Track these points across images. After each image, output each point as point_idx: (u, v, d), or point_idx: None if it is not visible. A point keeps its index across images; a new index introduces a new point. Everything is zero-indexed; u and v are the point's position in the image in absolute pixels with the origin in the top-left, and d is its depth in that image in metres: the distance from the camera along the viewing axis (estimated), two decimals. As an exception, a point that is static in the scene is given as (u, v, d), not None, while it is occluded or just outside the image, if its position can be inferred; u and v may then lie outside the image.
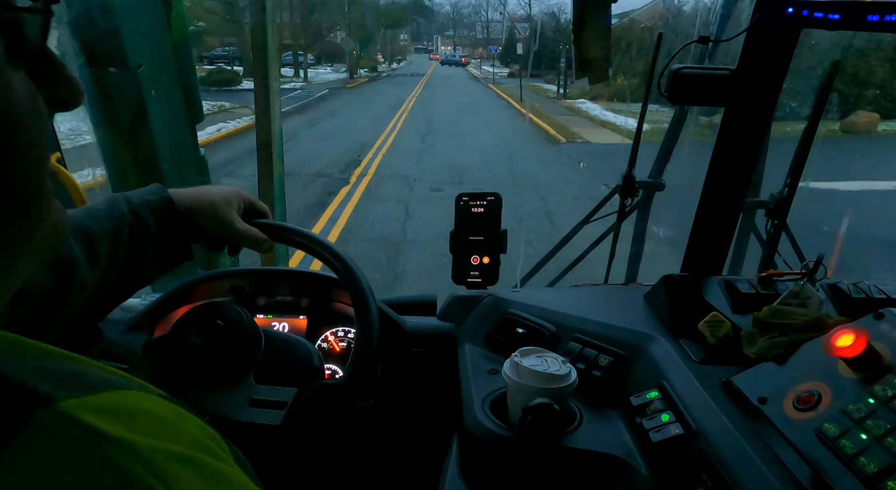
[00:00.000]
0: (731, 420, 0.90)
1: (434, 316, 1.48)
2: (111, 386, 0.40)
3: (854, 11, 0.94)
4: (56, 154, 1.47)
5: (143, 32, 1.76)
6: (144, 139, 1.84)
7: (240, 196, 1.09)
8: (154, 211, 0.97)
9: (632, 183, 1.83)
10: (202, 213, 1.02)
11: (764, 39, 1.24)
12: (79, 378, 0.40)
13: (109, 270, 0.91)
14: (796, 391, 0.88)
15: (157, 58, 1.83)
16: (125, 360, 1.08)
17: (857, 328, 0.88)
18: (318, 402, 1.05)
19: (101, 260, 0.90)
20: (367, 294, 1.12)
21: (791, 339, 0.99)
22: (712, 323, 1.13)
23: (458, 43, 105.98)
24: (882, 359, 0.83)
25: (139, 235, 0.95)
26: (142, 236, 0.95)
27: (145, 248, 0.95)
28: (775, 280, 1.25)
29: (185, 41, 1.92)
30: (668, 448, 0.93)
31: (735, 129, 1.33)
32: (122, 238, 0.93)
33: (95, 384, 0.39)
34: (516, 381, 1.00)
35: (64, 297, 0.84)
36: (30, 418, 0.34)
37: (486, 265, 1.49)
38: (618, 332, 1.23)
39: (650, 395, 1.04)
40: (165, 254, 1.00)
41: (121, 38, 1.69)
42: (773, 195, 1.57)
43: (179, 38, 1.89)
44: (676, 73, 1.32)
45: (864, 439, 0.75)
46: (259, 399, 1.07)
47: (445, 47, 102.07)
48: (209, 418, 1.02)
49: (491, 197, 1.46)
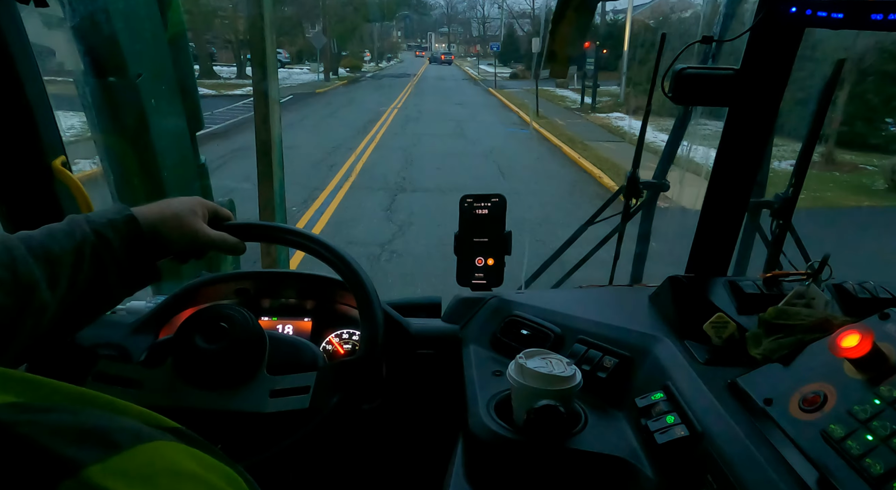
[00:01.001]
0: (737, 421, 0.89)
1: (439, 317, 1.48)
2: (137, 440, 0.39)
3: (858, 10, 0.93)
4: (61, 157, 1.48)
5: (142, 42, 1.77)
6: (145, 147, 1.85)
7: (203, 204, 1.08)
8: (118, 230, 0.95)
9: (636, 184, 1.83)
10: (168, 226, 1.00)
11: (767, 39, 1.23)
12: (105, 435, 0.38)
13: (71, 292, 0.89)
14: (802, 392, 0.87)
15: (157, 67, 1.84)
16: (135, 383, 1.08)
17: (863, 329, 0.87)
18: (341, 379, 1.05)
19: (63, 282, 0.87)
20: (371, 296, 1.12)
21: (796, 340, 0.99)
22: (717, 324, 1.12)
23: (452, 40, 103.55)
24: (888, 359, 0.83)
25: (103, 256, 0.92)
26: (105, 256, 0.92)
27: (109, 269, 0.93)
28: (780, 280, 1.25)
29: (184, 50, 1.93)
30: (673, 449, 0.93)
31: (739, 129, 1.33)
32: (84, 259, 0.90)
33: (121, 441, 0.38)
34: (521, 382, 1.00)
35: (23, 320, 0.81)
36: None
37: (490, 267, 1.49)
38: (623, 333, 1.22)
39: (655, 397, 1.03)
40: (131, 273, 0.97)
41: (120, 49, 1.70)
42: (777, 195, 1.57)
43: (178, 47, 1.90)
44: (680, 73, 1.32)
45: (870, 440, 0.74)
46: (279, 389, 1.06)
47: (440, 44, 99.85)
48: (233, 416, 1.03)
49: (495, 198, 1.46)
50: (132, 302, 1.56)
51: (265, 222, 1.16)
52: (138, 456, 0.38)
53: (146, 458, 0.38)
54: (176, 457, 0.40)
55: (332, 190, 9.22)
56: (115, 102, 1.77)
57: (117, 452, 0.37)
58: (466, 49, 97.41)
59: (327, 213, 8.00)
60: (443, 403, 1.34)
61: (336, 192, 9.13)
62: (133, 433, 0.40)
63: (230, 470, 0.43)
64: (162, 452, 0.40)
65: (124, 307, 1.55)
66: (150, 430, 0.42)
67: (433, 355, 1.39)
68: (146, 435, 0.40)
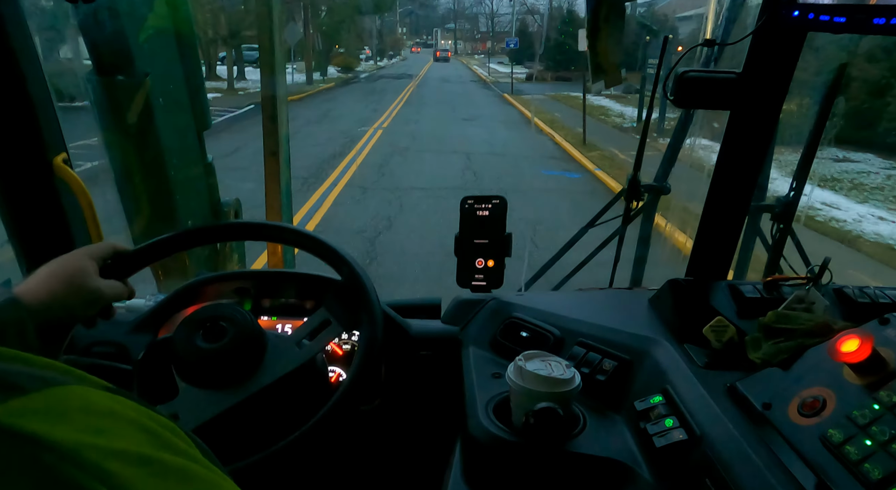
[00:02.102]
0: (736, 425, 0.89)
1: (438, 319, 1.48)
2: (45, 384, 0.37)
3: (860, 14, 0.94)
4: (62, 154, 1.48)
5: (150, 40, 1.77)
6: (152, 146, 1.85)
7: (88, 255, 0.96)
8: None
9: (637, 187, 1.83)
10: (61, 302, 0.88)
11: (770, 43, 1.23)
12: (7, 379, 0.36)
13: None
14: (801, 397, 0.87)
15: (165, 66, 1.84)
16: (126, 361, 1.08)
17: (863, 333, 0.87)
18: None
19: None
20: (371, 297, 1.12)
21: (796, 345, 0.98)
22: (717, 327, 1.12)
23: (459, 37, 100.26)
24: (887, 364, 0.83)
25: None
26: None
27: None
28: (781, 285, 1.24)
29: (191, 48, 1.93)
30: (671, 453, 0.93)
31: (741, 132, 1.33)
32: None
33: (27, 385, 0.36)
34: (520, 384, 1.00)
35: None
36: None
37: (490, 269, 1.49)
38: (622, 336, 1.22)
39: (654, 400, 1.03)
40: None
41: (129, 47, 1.70)
42: (778, 199, 1.57)
43: (186, 45, 1.90)
44: (682, 77, 1.32)
45: (868, 445, 0.74)
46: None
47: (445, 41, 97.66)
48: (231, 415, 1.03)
49: (496, 200, 1.46)
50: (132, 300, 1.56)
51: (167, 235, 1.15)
52: (48, 397, 0.36)
53: (56, 399, 0.36)
54: (90, 396, 0.38)
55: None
56: (123, 101, 1.77)
57: (22, 394, 0.35)
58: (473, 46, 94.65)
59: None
60: (441, 405, 1.34)
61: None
62: (42, 379, 0.37)
63: (150, 410, 0.41)
64: (75, 393, 0.38)
65: (124, 305, 1.55)
66: (62, 377, 0.39)
67: (432, 357, 1.39)
68: (57, 380, 0.38)
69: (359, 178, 9.62)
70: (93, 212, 1.53)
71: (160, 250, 1.19)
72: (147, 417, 0.39)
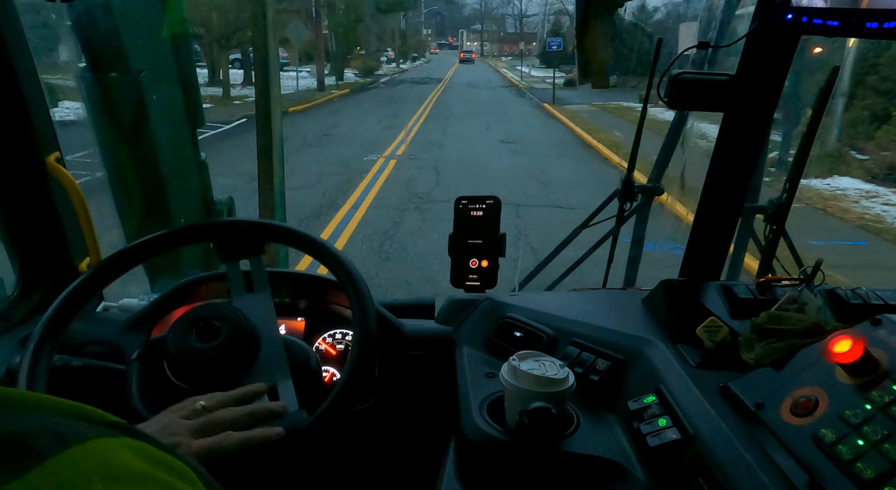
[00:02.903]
0: (729, 425, 0.90)
1: (432, 319, 1.48)
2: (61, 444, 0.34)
3: (853, 18, 0.94)
4: (55, 153, 1.48)
5: (144, 37, 1.76)
6: (146, 144, 1.84)
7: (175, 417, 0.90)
8: None
9: (631, 187, 1.83)
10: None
11: (763, 45, 1.24)
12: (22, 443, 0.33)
13: None
14: (794, 397, 0.88)
15: (159, 62, 1.84)
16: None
17: (855, 334, 0.88)
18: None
19: None
20: (365, 297, 1.12)
21: (789, 345, 0.99)
22: (710, 328, 1.13)
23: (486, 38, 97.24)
24: (879, 365, 0.83)
25: None
26: None
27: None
28: (773, 285, 1.25)
29: (186, 45, 1.93)
30: (665, 453, 0.93)
31: (734, 134, 1.34)
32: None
33: (43, 448, 0.33)
34: (514, 384, 1.00)
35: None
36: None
37: (484, 269, 1.49)
38: (616, 336, 1.23)
39: (648, 400, 1.04)
40: None
41: (122, 44, 1.69)
42: (771, 201, 1.58)
43: (180, 42, 1.89)
44: (676, 79, 1.32)
45: (861, 445, 0.75)
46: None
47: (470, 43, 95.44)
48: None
49: (490, 200, 1.46)
50: (125, 299, 1.56)
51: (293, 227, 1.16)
52: (66, 463, 0.33)
53: (74, 464, 0.33)
54: (112, 455, 0.35)
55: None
56: (117, 98, 1.76)
57: (38, 464, 0.32)
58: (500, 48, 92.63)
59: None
60: (435, 405, 1.34)
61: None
62: (59, 437, 0.34)
63: (180, 463, 0.39)
64: (95, 453, 0.35)
65: (117, 305, 1.54)
66: (82, 427, 0.37)
67: (426, 356, 1.39)
68: (76, 436, 0.35)
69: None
70: (86, 211, 1.53)
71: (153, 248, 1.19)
72: (163, 469, 0.37)
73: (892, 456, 0.71)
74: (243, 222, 1.25)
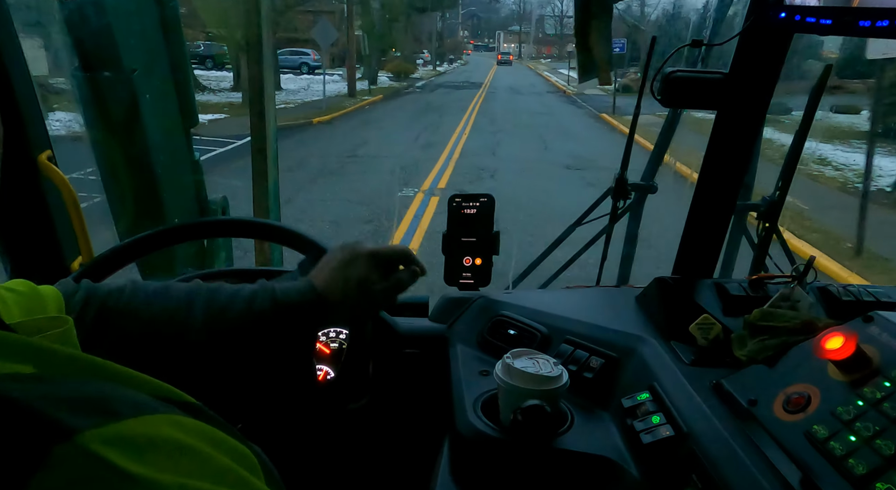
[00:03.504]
0: (722, 422, 0.90)
1: (426, 317, 1.48)
2: (138, 411, 0.39)
3: (846, 17, 0.94)
4: (47, 152, 1.47)
5: (137, 36, 1.76)
6: (139, 143, 1.84)
7: (369, 258, 0.99)
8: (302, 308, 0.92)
9: (624, 185, 1.83)
10: (350, 302, 0.96)
11: (756, 43, 1.24)
12: (105, 403, 0.38)
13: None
14: (786, 393, 0.88)
15: (152, 61, 1.83)
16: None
17: (847, 331, 0.89)
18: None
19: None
20: None
21: (781, 342, 0.99)
22: (703, 325, 1.13)
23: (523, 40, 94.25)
24: (871, 361, 0.84)
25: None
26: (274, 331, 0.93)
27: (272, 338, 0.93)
28: (766, 283, 1.26)
29: (178, 44, 1.92)
30: (658, 450, 0.94)
31: (727, 132, 1.34)
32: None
33: (121, 410, 0.38)
34: (508, 382, 1.00)
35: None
36: (48, 456, 0.33)
37: (478, 266, 1.49)
38: (609, 333, 1.23)
39: (641, 397, 1.04)
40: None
41: (115, 42, 1.69)
42: (764, 198, 1.58)
43: (174, 41, 1.89)
44: (669, 77, 1.33)
45: (853, 441, 0.75)
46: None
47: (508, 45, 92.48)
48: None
49: (484, 198, 1.46)
50: None
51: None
52: (137, 426, 0.37)
53: (145, 429, 0.38)
54: (179, 430, 0.39)
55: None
56: (110, 97, 1.76)
57: (116, 420, 0.36)
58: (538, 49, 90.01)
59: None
60: (429, 403, 1.34)
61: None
62: (136, 404, 0.40)
63: (244, 448, 0.43)
64: (164, 425, 0.39)
65: None
66: (156, 402, 0.42)
67: (420, 354, 1.39)
68: (150, 407, 0.40)
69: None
70: (78, 210, 1.52)
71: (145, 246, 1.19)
72: (223, 452, 0.40)
73: (884, 452, 0.71)
74: (236, 221, 1.25)
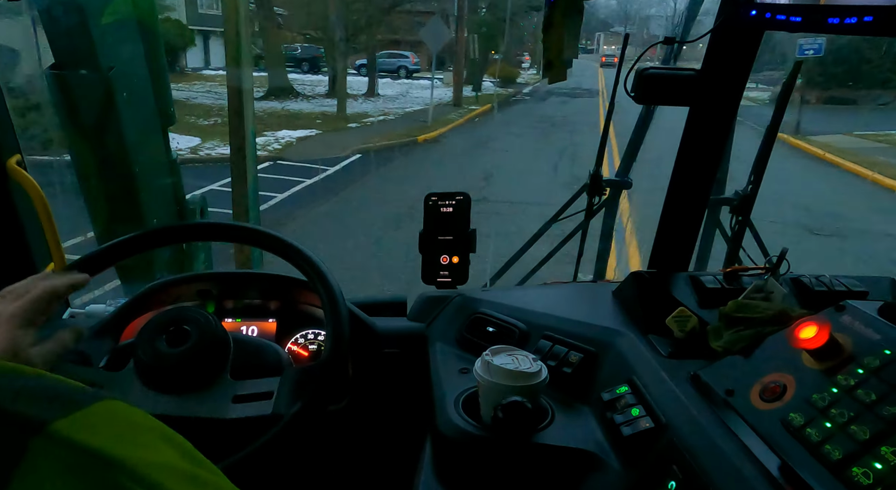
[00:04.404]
0: (700, 412, 0.91)
1: (404, 316, 1.48)
2: (94, 398, 0.40)
3: (815, 14, 0.96)
4: (16, 156, 1.44)
5: (114, 34, 1.72)
6: (115, 143, 1.80)
7: (19, 322, 0.86)
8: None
9: (599, 181, 1.85)
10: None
11: (728, 41, 1.26)
12: (64, 394, 0.39)
13: None
14: (762, 383, 0.89)
15: (128, 59, 1.80)
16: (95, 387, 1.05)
17: (820, 320, 0.90)
18: (304, 384, 1.04)
19: None
20: (336, 295, 1.12)
21: (756, 333, 1.01)
22: (679, 318, 1.14)
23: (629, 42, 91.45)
24: (844, 349, 0.85)
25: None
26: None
27: None
28: (740, 275, 1.27)
29: (155, 40, 1.89)
30: (639, 441, 0.95)
31: (699, 128, 1.36)
32: None
33: (81, 399, 0.39)
34: (488, 379, 1.01)
35: None
36: (25, 450, 0.34)
37: (455, 265, 1.49)
38: (587, 328, 1.24)
39: (620, 390, 1.05)
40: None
41: (92, 40, 1.65)
42: (737, 192, 1.61)
43: (150, 38, 1.86)
44: (642, 74, 1.34)
45: (828, 428, 0.76)
46: (242, 394, 1.05)
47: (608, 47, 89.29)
48: (195, 422, 1.01)
49: (460, 196, 1.47)
50: (91, 305, 1.53)
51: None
52: (100, 411, 0.39)
53: (106, 413, 0.39)
54: (128, 410, 0.41)
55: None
56: (86, 96, 1.72)
57: (79, 408, 0.38)
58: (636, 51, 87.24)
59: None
60: (410, 402, 1.34)
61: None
62: (85, 392, 0.41)
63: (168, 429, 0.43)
64: (118, 408, 0.41)
65: (83, 311, 1.51)
66: (95, 390, 0.42)
67: (399, 354, 1.39)
68: (97, 395, 0.41)
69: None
70: (49, 215, 1.49)
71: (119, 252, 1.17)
72: (171, 432, 0.42)
73: (859, 437, 0.73)
74: (214, 225, 1.23)
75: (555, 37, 1.39)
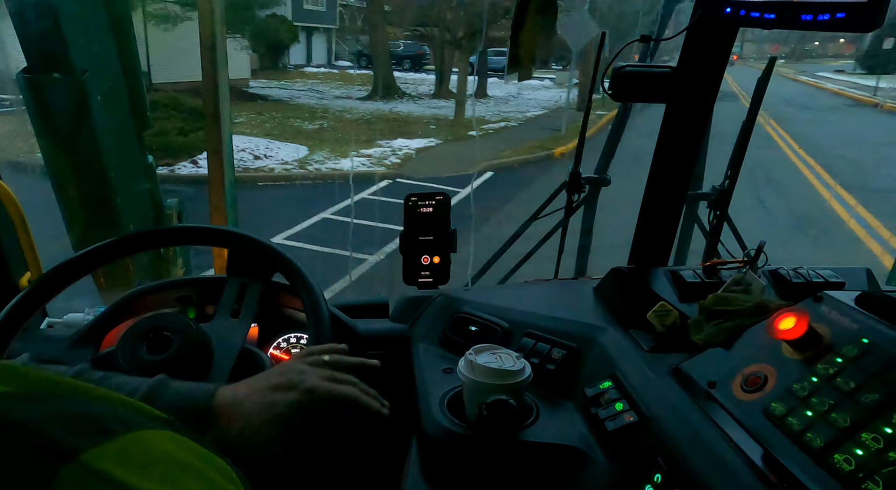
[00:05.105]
0: (683, 405, 0.92)
1: (386, 318, 1.48)
2: (128, 427, 0.39)
3: (789, 11, 0.97)
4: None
5: (87, 36, 1.69)
6: (89, 147, 1.77)
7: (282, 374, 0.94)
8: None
9: (578, 179, 1.86)
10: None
11: (703, 38, 1.27)
12: (97, 421, 0.39)
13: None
14: (743, 374, 0.90)
15: (103, 62, 1.77)
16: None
17: (798, 311, 0.92)
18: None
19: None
20: (318, 298, 1.11)
21: (736, 325, 1.02)
22: (660, 312, 1.15)
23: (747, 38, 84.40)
24: (823, 339, 0.87)
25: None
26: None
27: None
28: (719, 269, 1.29)
29: (129, 42, 1.86)
30: (623, 436, 0.95)
31: (676, 124, 1.37)
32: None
33: (114, 427, 0.39)
34: (471, 378, 1.01)
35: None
36: (55, 477, 0.33)
37: (436, 265, 1.49)
38: (569, 325, 1.24)
39: (604, 386, 1.05)
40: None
41: (65, 43, 1.62)
42: (714, 187, 1.62)
43: (125, 41, 1.83)
44: (619, 71, 1.35)
45: (809, 416, 0.77)
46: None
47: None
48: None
49: (440, 196, 1.47)
50: (70, 314, 1.51)
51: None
52: (132, 442, 0.38)
53: (140, 445, 0.39)
54: (168, 445, 0.41)
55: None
56: (59, 100, 1.69)
57: (112, 438, 0.37)
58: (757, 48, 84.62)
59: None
60: (395, 403, 1.34)
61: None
62: (123, 420, 0.40)
63: (222, 462, 0.43)
64: (154, 440, 0.40)
65: (61, 320, 1.49)
66: (139, 417, 0.42)
67: (382, 356, 1.38)
68: (136, 423, 0.41)
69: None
70: (24, 223, 1.47)
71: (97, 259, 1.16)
72: (211, 467, 0.42)
73: (840, 424, 0.74)
74: (192, 228, 1.22)
75: (526, 35, 1.39)
